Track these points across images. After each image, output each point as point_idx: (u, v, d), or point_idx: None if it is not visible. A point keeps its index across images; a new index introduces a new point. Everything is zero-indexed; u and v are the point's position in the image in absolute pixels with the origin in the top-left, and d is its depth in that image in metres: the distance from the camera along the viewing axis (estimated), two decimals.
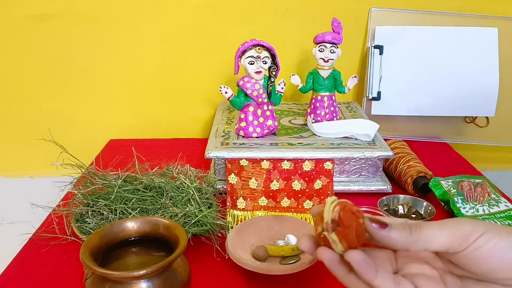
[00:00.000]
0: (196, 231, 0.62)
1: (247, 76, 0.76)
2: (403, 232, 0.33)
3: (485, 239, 0.31)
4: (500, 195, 0.74)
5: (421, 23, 1.00)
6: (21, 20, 0.99)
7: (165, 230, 0.50)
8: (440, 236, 0.32)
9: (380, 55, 0.99)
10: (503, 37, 0.98)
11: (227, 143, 0.77)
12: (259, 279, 0.58)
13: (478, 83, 0.98)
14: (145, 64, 1.04)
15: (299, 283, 0.57)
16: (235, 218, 0.70)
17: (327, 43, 0.82)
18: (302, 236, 0.37)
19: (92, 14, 0.99)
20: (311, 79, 0.86)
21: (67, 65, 1.03)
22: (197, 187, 0.68)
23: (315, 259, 0.56)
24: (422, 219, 0.69)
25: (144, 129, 1.10)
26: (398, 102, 1.00)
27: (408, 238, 0.32)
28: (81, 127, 1.09)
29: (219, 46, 1.02)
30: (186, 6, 0.99)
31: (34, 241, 0.66)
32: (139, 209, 0.64)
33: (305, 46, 1.02)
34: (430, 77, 0.99)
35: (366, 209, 0.67)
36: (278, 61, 0.77)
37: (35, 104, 1.06)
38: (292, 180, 0.73)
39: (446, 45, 0.99)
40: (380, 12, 1.00)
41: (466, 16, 1.00)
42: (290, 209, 0.72)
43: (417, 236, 0.32)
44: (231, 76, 0.98)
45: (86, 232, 0.63)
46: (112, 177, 0.70)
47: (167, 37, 1.02)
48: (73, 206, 0.68)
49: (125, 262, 0.51)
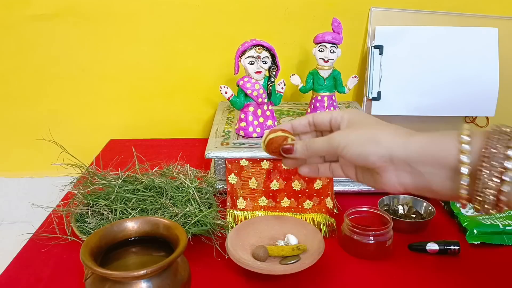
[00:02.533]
0: (196, 231, 0.62)
1: (247, 76, 0.76)
2: (303, 150, 0.49)
3: (345, 150, 0.46)
4: None
5: (421, 23, 1.00)
6: (21, 20, 0.99)
7: (165, 230, 0.50)
8: (323, 148, 0.48)
9: (380, 55, 0.99)
10: (503, 37, 0.98)
11: (227, 143, 0.77)
12: (259, 279, 0.58)
13: (478, 83, 0.98)
14: (145, 64, 1.04)
15: (299, 283, 0.57)
16: (235, 218, 0.70)
17: (327, 43, 0.82)
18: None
19: (92, 14, 0.99)
20: (311, 79, 0.85)
21: (67, 65, 1.03)
22: (197, 187, 0.68)
23: (315, 259, 0.56)
24: (422, 219, 0.69)
25: (144, 129, 1.10)
26: (398, 102, 1.00)
27: (307, 153, 0.49)
28: (81, 127, 1.09)
29: (219, 46, 1.02)
30: (186, 6, 0.99)
31: (34, 241, 0.66)
32: (139, 209, 0.64)
33: (305, 46, 1.02)
34: (430, 77, 0.99)
35: (366, 209, 0.67)
36: (278, 61, 0.77)
37: (35, 104, 1.06)
38: (292, 180, 0.73)
39: (446, 45, 0.99)
40: (380, 12, 1.00)
41: (466, 16, 1.00)
42: (290, 209, 0.72)
43: (311, 151, 0.49)
44: (231, 76, 0.98)
45: (86, 232, 0.63)
46: (112, 177, 0.71)
47: (167, 37, 1.02)
48: (73, 206, 0.68)
49: (125, 262, 0.51)
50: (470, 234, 0.65)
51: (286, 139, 0.51)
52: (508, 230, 0.65)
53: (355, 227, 0.62)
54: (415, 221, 0.68)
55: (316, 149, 0.49)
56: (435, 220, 0.69)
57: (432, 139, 0.44)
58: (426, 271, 0.60)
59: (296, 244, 0.62)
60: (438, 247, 0.63)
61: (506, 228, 0.65)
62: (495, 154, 0.40)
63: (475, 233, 0.65)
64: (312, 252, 0.59)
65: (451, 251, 0.63)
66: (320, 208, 0.71)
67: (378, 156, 0.45)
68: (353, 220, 0.64)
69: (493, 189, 0.40)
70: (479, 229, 0.65)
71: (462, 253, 0.63)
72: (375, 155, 0.45)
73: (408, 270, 0.60)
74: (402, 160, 0.44)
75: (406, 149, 0.44)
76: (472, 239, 0.65)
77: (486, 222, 0.66)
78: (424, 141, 0.44)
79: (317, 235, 0.61)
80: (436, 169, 0.43)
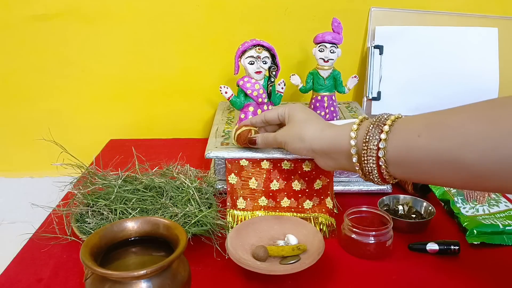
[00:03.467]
0: (196, 231, 0.62)
1: (247, 76, 0.76)
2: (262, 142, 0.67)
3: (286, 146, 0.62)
4: (500, 195, 0.74)
5: (421, 23, 1.00)
6: (21, 20, 0.99)
7: (165, 230, 0.50)
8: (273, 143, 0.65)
9: (380, 55, 0.99)
10: (503, 37, 0.98)
11: (227, 143, 0.77)
12: (259, 279, 0.58)
13: (478, 83, 0.98)
14: (145, 64, 1.04)
15: (299, 283, 0.57)
16: (235, 218, 0.70)
17: (327, 43, 0.82)
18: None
19: (92, 14, 0.99)
20: (311, 79, 0.86)
21: (67, 65, 1.03)
22: (197, 187, 0.68)
23: (315, 259, 0.56)
24: (422, 219, 0.69)
25: (144, 129, 1.10)
26: (398, 102, 1.00)
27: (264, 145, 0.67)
28: (81, 127, 1.09)
29: (219, 46, 1.02)
30: (186, 6, 0.99)
31: (34, 241, 0.66)
32: (139, 209, 0.64)
33: (305, 46, 1.02)
34: (430, 77, 0.99)
35: (366, 209, 0.67)
36: (278, 61, 0.77)
37: (35, 104, 1.06)
38: (292, 180, 0.73)
39: (446, 45, 0.99)
40: (380, 12, 1.00)
41: (466, 16, 1.00)
42: (290, 209, 0.72)
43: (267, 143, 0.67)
44: (231, 76, 0.98)
45: (86, 232, 0.63)
46: (112, 177, 0.71)
47: (167, 37, 1.02)
48: (73, 206, 0.68)
49: (125, 262, 0.51)
50: (470, 234, 0.65)
51: (250, 131, 0.68)
52: (508, 230, 0.65)
53: (355, 227, 0.62)
54: (415, 221, 0.68)
55: (270, 143, 0.66)
56: (435, 220, 0.69)
57: (336, 133, 0.56)
58: (426, 271, 0.60)
59: (296, 244, 0.62)
60: (438, 247, 0.63)
61: (506, 228, 0.65)
62: (372, 136, 0.50)
63: (475, 233, 0.65)
64: (312, 252, 0.59)
65: (451, 251, 0.63)
66: (320, 208, 0.71)
67: (305, 150, 0.60)
68: (353, 220, 0.64)
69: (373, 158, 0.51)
70: (479, 229, 0.65)
71: (462, 253, 0.63)
72: (303, 149, 0.60)
73: (408, 270, 0.60)
74: (320, 151, 0.58)
75: (321, 143, 0.57)
76: (472, 239, 0.65)
77: (486, 222, 0.66)
78: (332, 135, 0.57)
79: (317, 235, 0.61)
80: (340, 154, 0.56)
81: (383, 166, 0.50)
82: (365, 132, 0.51)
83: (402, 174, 0.51)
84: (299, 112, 0.63)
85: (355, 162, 0.53)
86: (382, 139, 0.49)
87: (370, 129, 0.51)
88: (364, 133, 0.51)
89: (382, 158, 0.50)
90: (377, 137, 0.50)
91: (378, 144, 0.50)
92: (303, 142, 0.59)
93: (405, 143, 0.48)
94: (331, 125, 0.59)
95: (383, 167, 0.50)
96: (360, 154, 0.52)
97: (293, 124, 0.62)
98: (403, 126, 0.49)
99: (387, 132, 0.49)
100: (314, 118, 0.62)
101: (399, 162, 0.49)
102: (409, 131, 0.48)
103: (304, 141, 0.59)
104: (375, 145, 0.50)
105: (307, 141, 0.59)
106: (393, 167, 0.50)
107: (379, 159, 0.50)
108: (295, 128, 0.61)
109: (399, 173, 0.51)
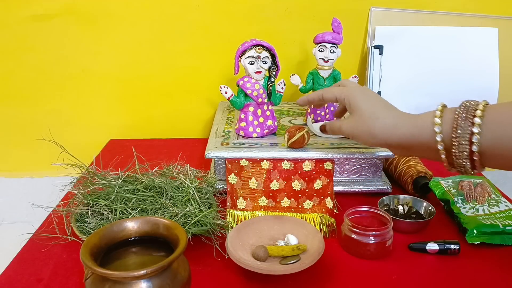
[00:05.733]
0: (196, 231, 0.62)
1: (247, 76, 0.76)
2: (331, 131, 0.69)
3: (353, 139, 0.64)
4: (500, 195, 0.74)
5: (421, 23, 1.00)
6: (21, 20, 0.99)
7: (165, 230, 0.50)
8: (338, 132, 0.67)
9: (380, 55, 0.99)
10: (503, 37, 0.98)
11: (227, 143, 0.77)
12: (259, 279, 0.58)
13: (478, 83, 0.98)
14: (145, 64, 1.04)
15: (299, 283, 0.57)
16: (235, 218, 0.70)
17: (327, 43, 0.82)
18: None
19: (91, 14, 0.99)
20: (311, 79, 0.85)
21: (67, 65, 1.03)
22: (197, 187, 0.68)
23: (315, 259, 0.56)
24: (422, 219, 0.69)
25: (144, 129, 1.10)
26: (398, 102, 0.99)
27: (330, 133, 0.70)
28: (81, 127, 1.09)
29: (219, 46, 1.02)
30: (186, 6, 0.99)
31: (34, 241, 0.66)
32: (139, 209, 0.64)
33: (305, 46, 1.02)
34: (430, 77, 0.99)
35: (366, 209, 0.67)
36: (278, 61, 0.77)
37: (35, 104, 1.06)
38: (292, 180, 0.73)
39: (446, 45, 0.99)
40: (380, 12, 1.00)
41: (466, 16, 1.00)
42: (290, 209, 0.72)
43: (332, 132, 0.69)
44: (231, 76, 0.98)
45: (86, 232, 0.63)
46: (112, 177, 0.70)
47: (167, 37, 1.02)
48: (73, 206, 0.68)
49: (125, 262, 0.51)
50: (470, 234, 0.65)
51: (304, 137, 0.73)
52: (508, 230, 0.65)
53: (355, 227, 0.62)
54: (415, 221, 0.68)
55: (335, 133, 0.69)
56: (435, 220, 0.69)
57: (415, 127, 0.55)
58: (426, 271, 0.60)
59: (296, 244, 0.62)
60: (438, 247, 0.63)
61: (506, 228, 0.65)
62: (463, 131, 0.48)
63: (475, 233, 0.65)
64: (312, 252, 0.59)
65: (451, 251, 0.63)
66: (320, 208, 0.71)
67: (378, 145, 0.60)
68: (353, 220, 0.64)
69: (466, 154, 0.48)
70: (479, 229, 0.65)
71: (462, 253, 0.63)
72: (376, 144, 0.60)
73: (408, 270, 0.60)
74: (397, 145, 0.57)
75: (398, 139, 0.56)
76: (472, 239, 0.65)
77: (486, 222, 0.66)
78: (410, 130, 0.55)
79: (317, 235, 0.61)
80: (423, 148, 0.54)
81: (477, 159, 0.48)
82: (452, 125, 0.48)
83: (498, 166, 0.49)
84: (362, 103, 0.60)
85: (443, 158, 0.51)
86: (474, 133, 0.46)
87: (458, 122, 0.48)
88: (452, 127, 0.48)
89: (476, 153, 0.47)
90: (469, 131, 0.47)
91: (471, 138, 0.47)
92: (375, 138, 0.58)
93: (502, 134, 0.45)
94: (404, 117, 0.57)
95: (477, 161, 0.48)
96: (449, 149, 0.50)
97: (359, 118, 0.60)
98: (496, 117, 0.46)
99: (479, 124, 0.46)
100: (380, 109, 0.59)
101: (496, 154, 0.47)
102: (504, 121, 0.46)
103: (376, 137, 0.58)
104: (467, 139, 0.47)
105: (380, 138, 0.58)
106: (488, 159, 0.48)
107: (472, 153, 0.47)
108: (363, 124, 0.59)
109: (494, 164, 0.49)
